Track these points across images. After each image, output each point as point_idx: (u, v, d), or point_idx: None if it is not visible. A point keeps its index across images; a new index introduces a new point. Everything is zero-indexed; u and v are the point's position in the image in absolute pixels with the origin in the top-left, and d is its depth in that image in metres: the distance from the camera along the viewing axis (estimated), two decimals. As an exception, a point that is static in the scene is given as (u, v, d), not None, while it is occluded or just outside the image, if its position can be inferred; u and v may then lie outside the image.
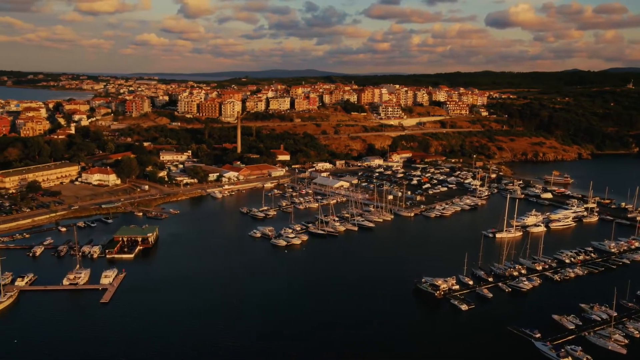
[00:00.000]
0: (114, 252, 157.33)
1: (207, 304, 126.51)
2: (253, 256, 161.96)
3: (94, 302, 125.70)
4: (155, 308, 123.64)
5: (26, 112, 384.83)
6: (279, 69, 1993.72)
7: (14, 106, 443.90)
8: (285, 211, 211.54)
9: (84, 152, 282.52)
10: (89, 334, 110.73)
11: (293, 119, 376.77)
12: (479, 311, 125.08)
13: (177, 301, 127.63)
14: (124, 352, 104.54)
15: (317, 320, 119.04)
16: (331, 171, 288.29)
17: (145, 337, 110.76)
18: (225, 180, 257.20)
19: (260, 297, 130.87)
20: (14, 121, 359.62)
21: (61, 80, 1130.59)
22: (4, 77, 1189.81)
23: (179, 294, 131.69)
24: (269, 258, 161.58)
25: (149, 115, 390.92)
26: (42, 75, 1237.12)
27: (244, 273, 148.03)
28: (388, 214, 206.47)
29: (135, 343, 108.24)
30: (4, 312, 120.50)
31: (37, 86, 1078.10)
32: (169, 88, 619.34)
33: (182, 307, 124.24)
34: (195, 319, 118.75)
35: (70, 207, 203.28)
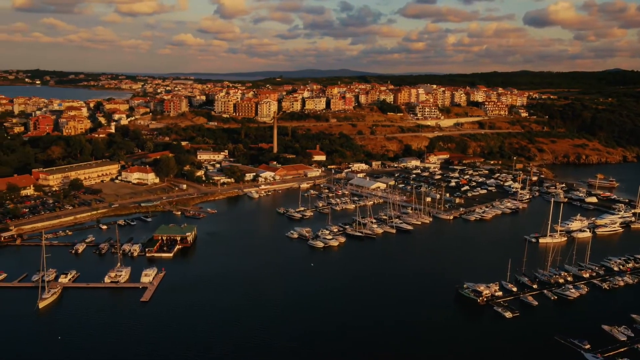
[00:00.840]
0: (154, 250, 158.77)
1: (246, 304, 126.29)
2: (290, 257, 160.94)
3: (135, 300, 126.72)
4: (194, 307, 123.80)
5: (68, 112, 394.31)
6: (312, 69, 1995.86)
7: (57, 105, 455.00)
8: (322, 212, 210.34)
9: (123, 150, 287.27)
10: (130, 333, 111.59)
11: (329, 119, 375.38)
12: (524, 319, 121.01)
13: (216, 300, 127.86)
14: (165, 351, 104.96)
15: (355, 323, 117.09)
16: (367, 172, 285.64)
17: (186, 336, 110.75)
18: (261, 180, 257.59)
19: (298, 298, 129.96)
20: (57, 120, 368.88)
21: (101, 80, 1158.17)
22: (47, 77, 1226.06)
23: (218, 294, 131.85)
24: (307, 259, 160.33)
25: (187, 115, 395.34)
26: (82, 75, 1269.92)
27: (282, 274, 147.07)
28: (426, 217, 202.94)
29: (176, 342, 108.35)
30: (48, 308, 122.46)
31: (78, 86, 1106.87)
32: (205, 88, 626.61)
33: (221, 307, 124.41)
34: (234, 319, 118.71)
35: (110, 205, 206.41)
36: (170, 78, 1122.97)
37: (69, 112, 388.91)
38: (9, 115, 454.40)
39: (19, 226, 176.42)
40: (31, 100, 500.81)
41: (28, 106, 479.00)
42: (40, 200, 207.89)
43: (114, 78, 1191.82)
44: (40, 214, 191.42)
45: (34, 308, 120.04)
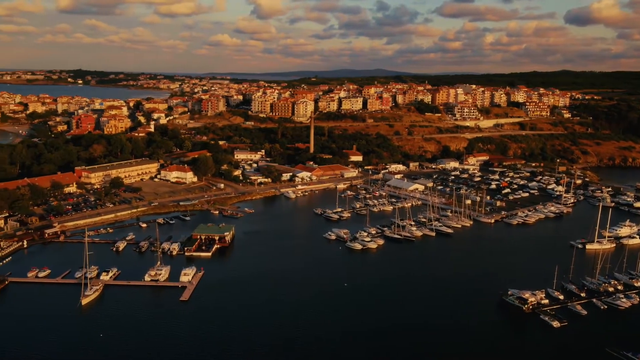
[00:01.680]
0: (193, 250, 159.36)
1: (284, 305, 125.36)
2: (328, 259, 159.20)
3: (174, 299, 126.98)
4: (233, 307, 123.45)
5: (109, 111, 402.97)
6: (347, 69, 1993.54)
7: (98, 104, 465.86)
8: (359, 213, 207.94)
9: (162, 149, 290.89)
10: (170, 331, 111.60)
11: (365, 119, 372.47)
12: (572, 329, 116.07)
13: (254, 300, 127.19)
14: (205, 350, 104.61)
15: (395, 328, 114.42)
16: (404, 173, 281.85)
17: (225, 336, 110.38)
18: (298, 180, 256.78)
19: (336, 300, 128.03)
20: (98, 119, 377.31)
21: (140, 80, 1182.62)
22: (89, 77, 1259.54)
23: (256, 294, 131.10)
24: (345, 261, 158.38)
25: (224, 115, 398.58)
26: (122, 75, 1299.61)
27: (320, 275, 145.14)
28: (467, 220, 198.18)
29: (215, 342, 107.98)
30: (90, 305, 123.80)
31: (118, 85, 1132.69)
32: (241, 87, 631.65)
33: (259, 307, 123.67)
34: (273, 319, 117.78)
35: (150, 203, 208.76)
36: (207, 78, 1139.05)
37: (110, 111, 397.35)
38: (53, 114, 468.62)
39: (62, 223, 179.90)
40: (74, 100, 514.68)
41: (71, 105, 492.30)
42: (82, 198, 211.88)
43: (153, 78, 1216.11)
44: (82, 212, 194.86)
45: (77, 305, 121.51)
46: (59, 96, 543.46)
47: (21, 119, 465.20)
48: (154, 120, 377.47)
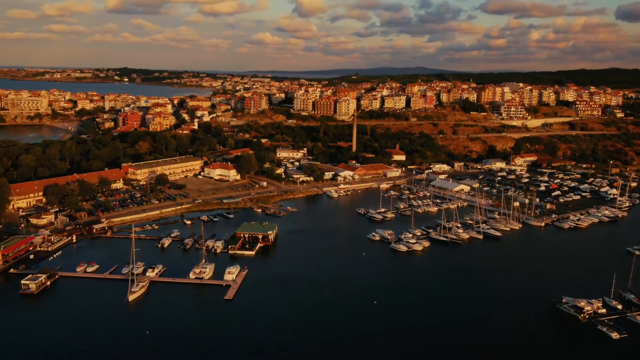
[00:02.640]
0: (236, 248, 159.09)
1: (329, 306, 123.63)
2: (373, 260, 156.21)
3: (219, 298, 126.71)
4: (277, 307, 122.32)
5: (154, 108, 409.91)
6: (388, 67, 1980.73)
7: (144, 102, 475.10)
8: (403, 214, 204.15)
9: (206, 147, 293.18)
10: (215, 331, 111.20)
11: (409, 118, 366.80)
12: (633, 341, 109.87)
13: (299, 300, 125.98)
14: (250, 350, 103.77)
15: (441, 335, 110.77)
16: (449, 173, 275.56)
17: (269, 336, 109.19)
18: (340, 179, 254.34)
19: (380, 302, 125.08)
20: (143, 116, 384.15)
21: (183, 78, 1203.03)
22: (134, 75, 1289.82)
23: (301, 294, 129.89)
24: (389, 263, 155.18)
25: (266, 112, 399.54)
26: (166, 73, 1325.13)
27: (365, 276, 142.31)
28: (515, 223, 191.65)
29: (260, 342, 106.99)
30: (137, 301, 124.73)
31: (162, 83, 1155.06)
32: (283, 85, 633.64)
33: (302, 307, 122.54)
34: (316, 319, 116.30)
35: (194, 200, 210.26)
36: (248, 76, 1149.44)
37: (155, 109, 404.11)
38: (100, 111, 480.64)
39: (109, 219, 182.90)
40: (120, 97, 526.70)
41: (117, 102, 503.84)
42: (128, 194, 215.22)
43: (195, 76, 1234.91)
44: (128, 208, 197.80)
45: (124, 301, 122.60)
46: (106, 94, 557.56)
47: (70, 115, 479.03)
48: (197, 118, 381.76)
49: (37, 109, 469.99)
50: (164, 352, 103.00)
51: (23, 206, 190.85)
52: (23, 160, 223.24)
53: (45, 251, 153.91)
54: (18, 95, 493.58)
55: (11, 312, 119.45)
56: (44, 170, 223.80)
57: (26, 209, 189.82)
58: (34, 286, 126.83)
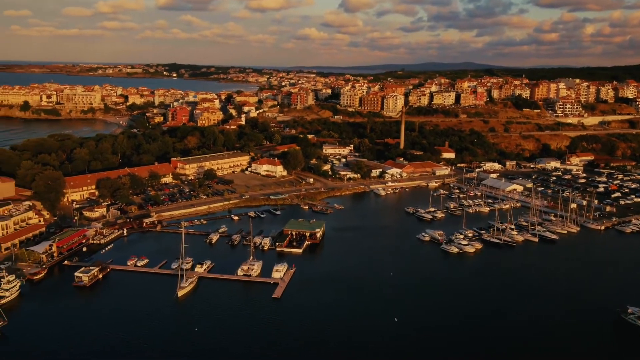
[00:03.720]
0: (284, 245, 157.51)
1: (378, 306, 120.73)
2: (422, 261, 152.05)
3: (267, 296, 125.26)
4: (325, 307, 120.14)
5: (202, 103, 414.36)
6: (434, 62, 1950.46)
7: (192, 97, 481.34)
8: (454, 214, 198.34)
9: (253, 142, 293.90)
10: (263, 330, 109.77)
11: (458, 115, 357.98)
12: None
13: (347, 300, 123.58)
14: (299, 350, 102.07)
15: (494, 344, 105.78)
16: (500, 172, 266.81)
17: (319, 336, 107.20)
18: (387, 176, 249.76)
19: (430, 305, 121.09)
20: (192, 111, 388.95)
21: (229, 73, 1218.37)
22: (182, 70, 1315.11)
23: (349, 293, 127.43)
24: (440, 265, 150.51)
25: (313, 108, 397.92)
26: (213, 69, 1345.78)
27: (414, 277, 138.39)
28: (573, 225, 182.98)
29: (309, 342, 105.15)
30: (185, 297, 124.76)
31: (209, 78, 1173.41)
32: (328, 81, 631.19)
33: (352, 307, 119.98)
34: (365, 320, 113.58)
35: (241, 196, 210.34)
36: (293, 71, 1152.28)
37: (203, 104, 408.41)
38: (150, 106, 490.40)
39: (159, 213, 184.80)
40: (169, 92, 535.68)
41: (167, 97, 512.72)
42: (177, 189, 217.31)
43: (242, 71, 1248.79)
44: (177, 202, 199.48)
45: (173, 296, 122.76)
46: (155, 89, 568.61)
47: (122, 110, 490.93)
48: (244, 113, 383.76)
49: (90, 104, 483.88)
50: (212, 349, 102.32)
51: (77, 199, 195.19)
52: (77, 154, 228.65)
53: (97, 244, 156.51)
54: (73, 90, 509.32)
55: (64, 303, 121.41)
56: (97, 163, 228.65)
57: (80, 201, 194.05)
58: (86, 279, 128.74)
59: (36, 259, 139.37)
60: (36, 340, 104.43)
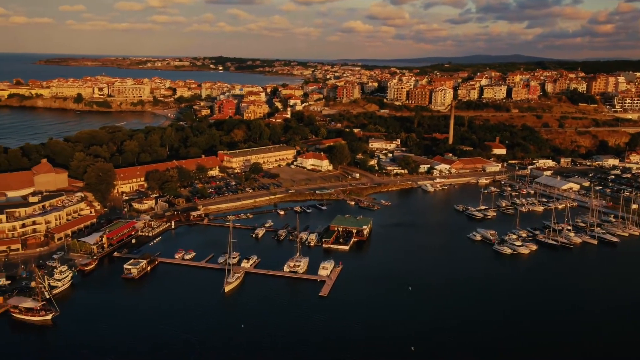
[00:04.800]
0: (330, 242, 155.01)
1: (427, 307, 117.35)
2: (473, 261, 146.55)
3: (313, 294, 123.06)
4: (372, 306, 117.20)
5: (248, 96, 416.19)
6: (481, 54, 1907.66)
7: (238, 90, 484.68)
8: (505, 213, 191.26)
9: (298, 136, 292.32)
10: (310, 329, 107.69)
11: (510, 109, 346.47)
12: None
13: (395, 300, 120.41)
14: (346, 348, 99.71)
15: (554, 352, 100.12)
16: (554, 169, 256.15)
17: (365, 336, 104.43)
18: (436, 172, 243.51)
19: (480, 309, 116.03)
20: (238, 104, 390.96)
21: (274, 66, 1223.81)
22: (228, 63, 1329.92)
23: (397, 293, 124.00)
24: (493, 266, 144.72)
25: (359, 102, 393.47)
26: (258, 62, 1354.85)
27: (466, 279, 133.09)
28: (635, 228, 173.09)
29: (356, 342, 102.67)
30: (232, 292, 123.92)
31: (255, 71, 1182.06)
32: (373, 74, 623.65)
33: (400, 307, 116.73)
34: (414, 321, 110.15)
35: (287, 190, 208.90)
36: (338, 64, 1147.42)
37: (249, 97, 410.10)
38: (197, 99, 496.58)
39: (205, 206, 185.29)
40: (216, 85, 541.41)
41: (213, 90, 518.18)
42: (224, 182, 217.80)
43: (287, 64, 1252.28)
44: (224, 195, 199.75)
45: (220, 291, 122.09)
46: (203, 82, 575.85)
47: (170, 102, 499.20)
48: (290, 107, 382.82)
49: (139, 96, 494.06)
50: (259, 347, 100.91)
51: (126, 191, 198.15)
52: (127, 146, 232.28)
53: (146, 236, 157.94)
54: (123, 83, 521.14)
55: (114, 295, 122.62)
56: (146, 156, 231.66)
57: (129, 193, 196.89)
58: (135, 271, 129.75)
59: (87, 250, 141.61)
60: (86, 330, 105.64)
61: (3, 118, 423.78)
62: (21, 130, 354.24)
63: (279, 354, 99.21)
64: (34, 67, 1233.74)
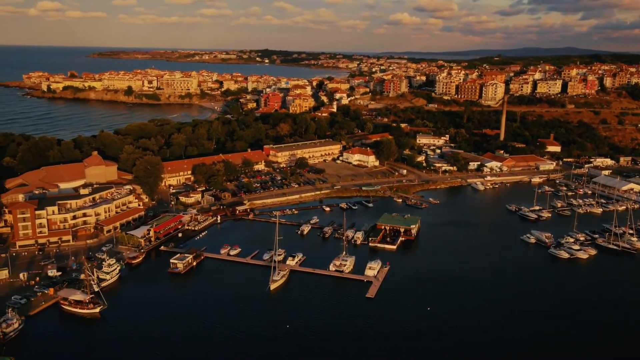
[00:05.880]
0: (377, 240, 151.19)
1: (478, 313, 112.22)
2: (528, 265, 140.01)
3: (360, 295, 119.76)
4: (421, 310, 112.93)
5: (294, 90, 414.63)
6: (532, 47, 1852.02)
7: (284, 83, 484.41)
8: (561, 214, 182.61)
9: (344, 130, 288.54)
10: (356, 330, 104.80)
11: (565, 105, 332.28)
12: None
13: (444, 304, 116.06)
14: (393, 353, 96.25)
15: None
16: (613, 169, 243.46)
17: (412, 340, 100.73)
18: (486, 170, 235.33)
19: (532, 317, 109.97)
20: (284, 97, 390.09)
21: (320, 59, 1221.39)
22: (274, 56, 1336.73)
23: (447, 296, 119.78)
24: (548, 271, 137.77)
25: (406, 96, 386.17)
26: (304, 55, 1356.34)
27: (521, 283, 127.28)
28: None
29: (403, 346, 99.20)
30: (277, 291, 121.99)
31: (300, 64, 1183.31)
32: (420, 67, 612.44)
33: (450, 312, 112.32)
34: (464, 328, 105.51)
35: (333, 186, 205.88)
36: (384, 57, 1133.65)
37: (295, 91, 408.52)
38: (243, 92, 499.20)
39: (251, 201, 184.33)
40: (262, 78, 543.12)
41: (259, 84, 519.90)
42: (269, 176, 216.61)
43: (332, 57, 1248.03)
44: (269, 190, 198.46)
45: (266, 289, 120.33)
46: (249, 75, 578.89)
47: (217, 95, 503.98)
48: (336, 100, 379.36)
49: (187, 89, 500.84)
50: (303, 348, 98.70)
51: (173, 184, 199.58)
52: (175, 139, 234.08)
53: (192, 230, 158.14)
54: (172, 75, 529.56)
55: (160, 289, 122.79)
56: (193, 149, 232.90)
57: (176, 186, 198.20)
58: (181, 266, 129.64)
59: (135, 243, 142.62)
60: (133, 324, 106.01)
61: (60, 110, 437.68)
62: (75, 122, 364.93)
63: (324, 356, 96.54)
64: (88, 60, 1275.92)
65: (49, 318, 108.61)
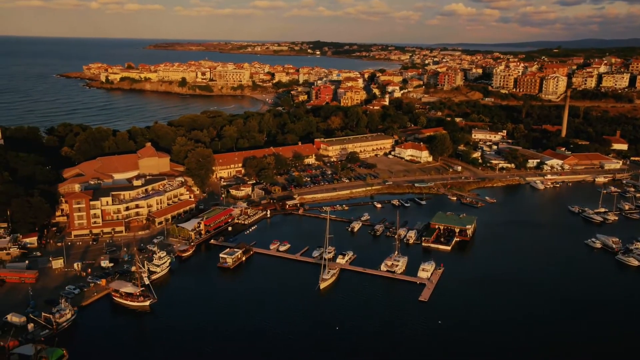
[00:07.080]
0: (430, 240, 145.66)
1: (538, 320, 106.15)
2: (593, 272, 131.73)
3: (412, 298, 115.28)
4: (477, 316, 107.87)
5: (346, 82, 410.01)
6: (593, 38, 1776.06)
7: (336, 76, 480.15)
8: (629, 217, 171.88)
9: (397, 124, 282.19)
10: (408, 336, 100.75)
11: (633, 100, 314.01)
12: None
13: (501, 309, 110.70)
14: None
15: None
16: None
17: (468, 347, 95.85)
18: (546, 168, 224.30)
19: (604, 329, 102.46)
20: (335, 90, 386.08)
21: (372, 51, 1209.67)
22: (325, 48, 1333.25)
23: (503, 301, 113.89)
24: (615, 279, 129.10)
25: (461, 89, 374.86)
26: (355, 46, 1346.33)
27: (584, 291, 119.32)
28: None
29: (459, 352, 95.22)
30: (327, 290, 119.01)
31: (351, 56, 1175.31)
32: (475, 59, 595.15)
33: (508, 317, 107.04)
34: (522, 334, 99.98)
35: (384, 182, 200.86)
36: (437, 49, 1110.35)
37: (346, 83, 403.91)
38: (295, 84, 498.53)
39: (301, 195, 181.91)
40: (313, 70, 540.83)
41: (311, 76, 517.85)
42: (320, 170, 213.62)
43: (384, 49, 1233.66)
44: (319, 185, 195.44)
45: (315, 288, 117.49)
46: (300, 67, 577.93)
47: (268, 87, 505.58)
48: (388, 93, 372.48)
49: (239, 81, 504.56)
50: (352, 350, 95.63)
51: (224, 176, 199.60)
52: (226, 131, 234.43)
53: (242, 224, 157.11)
54: (224, 67, 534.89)
55: (209, 283, 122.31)
56: (244, 141, 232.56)
57: (227, 179, 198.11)
58: (230, 261, 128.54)
59: (185, 236, 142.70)
60: (182, 317, 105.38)
61: (119, 101, 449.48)
62: (133, 113, 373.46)
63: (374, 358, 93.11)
64: (144, 52, 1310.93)
65: (101, 309, 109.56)
